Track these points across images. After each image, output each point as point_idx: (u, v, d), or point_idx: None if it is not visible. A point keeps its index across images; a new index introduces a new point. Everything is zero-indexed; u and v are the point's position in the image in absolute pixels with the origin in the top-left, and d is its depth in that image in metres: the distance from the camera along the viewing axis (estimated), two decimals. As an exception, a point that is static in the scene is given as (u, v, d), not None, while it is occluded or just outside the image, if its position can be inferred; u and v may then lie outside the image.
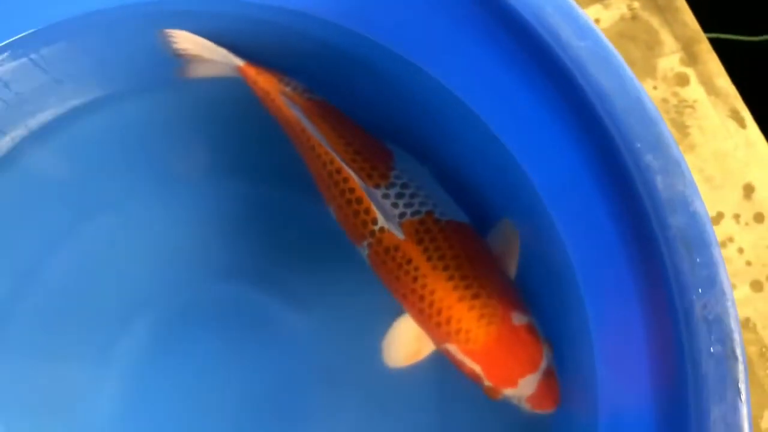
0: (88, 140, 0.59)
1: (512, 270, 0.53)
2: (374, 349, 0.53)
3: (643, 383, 0.39)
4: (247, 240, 0.60)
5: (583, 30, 0.39)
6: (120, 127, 0.60)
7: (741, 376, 0.34)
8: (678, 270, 0.35)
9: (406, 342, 0.53)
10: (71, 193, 0.60)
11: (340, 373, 0.58)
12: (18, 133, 0.58)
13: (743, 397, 0.34)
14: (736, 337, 0.35)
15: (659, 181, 0.37)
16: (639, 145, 0.37)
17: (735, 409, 0.34)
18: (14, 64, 0.57)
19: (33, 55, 0.57)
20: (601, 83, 0.38)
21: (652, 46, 0.78)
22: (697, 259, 0.35)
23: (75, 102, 0.59)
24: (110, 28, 0.57)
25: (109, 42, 0.58)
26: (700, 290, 0.35)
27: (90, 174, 0.60)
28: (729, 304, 0.35)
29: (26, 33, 0.54)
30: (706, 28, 0.79)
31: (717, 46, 0.80)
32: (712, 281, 0.35)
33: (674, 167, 0.37)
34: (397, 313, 0.53)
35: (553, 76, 0.40)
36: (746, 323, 0.72)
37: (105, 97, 0.60)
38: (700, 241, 0.36)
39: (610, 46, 0.38)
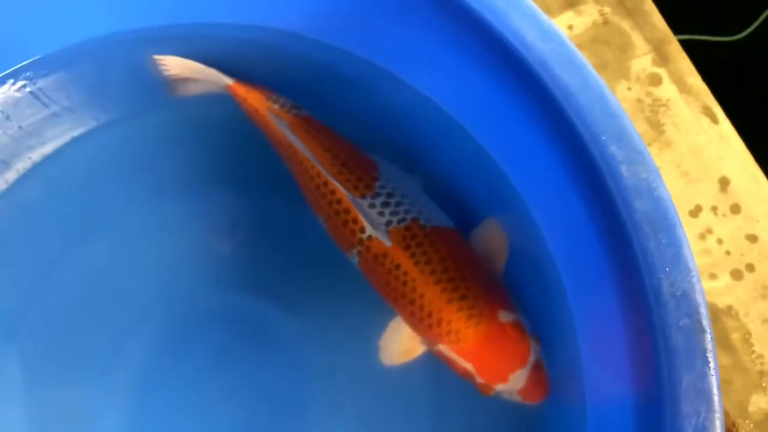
0: (86, 166, 0.62)
1: (499, 269, 0.55)
2: (369, 350, 0.55)
3: (622, 363, 0.41)
4: (242, 250, 0.62)
5: (547, 33, 0.42)
6: (115, 150, 0.62)
7: (708, 346, 0.36)
8: (646, 250, 0.38)
9: (400, 341, 0.55)
10: (71, 215, 0.62)
11: (337, 374, 0.60)
12: (21, 164, 0.61)
13: (711, 365, 0.36)
14: (702, 310, 0.37)
15: (624, 169, 0.40)
16: (604, 138, 0.40)
17: (704, 376, 0.36)
18: (14, 96, 0.59)
19: (31, 87, 0.60)
20: (565, 82, 0.41)
21: (625, 49, 0.81)
22: (663, 240, 0.38)
23: (72, 132, 0.62)
24: (101, 56, 0.59)
25: (101, 69, 0.61)
26: (667, 269, 0.38)
27: (88, 197, 0.62)
28: (694, 280, 0.37)
29: (22, 64, 0.57)
30: (675, 30, 0.82)
31: (686, 46, 0.83)
32: (677, 259, 0.38)
33: (638, 156, 0.39)
34: (390, 315, 0.55)
35: (522, 77, 0.43)
36: (729, 311, 0.75)
37: (100, 123, 0.62)
38: (664, 223, 0.38)
39: (573, 47, 0.41)
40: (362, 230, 0.52)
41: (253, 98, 0.57)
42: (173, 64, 0.58)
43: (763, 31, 1.09)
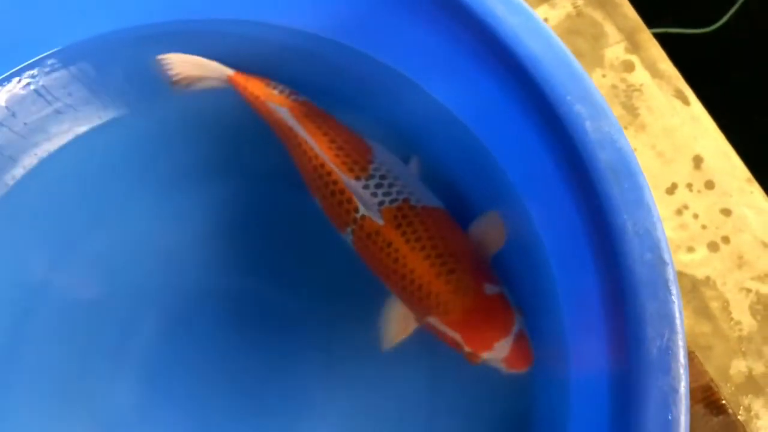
0: (90, 161, 0.65)
1: (491, 253, 0.58)
2: (364, 327, 0.58)
3: (595, 302, 0.45)
4: (243, 235, 0.65)
5: (516, 8, 0.46)
6: (118, 146, 0.65)
7: (671, 276, 0.40)
8: (609, 195, 0.42)
9: (395, 322, 0.58)
10: (77, 209, 0.65)
11: (335, 350, 0.63)
12: (28, 160, 0.64)
13: (674, 293, 0.40)
14: (663, 245, 0.41)
15: (588, 125, 0.44)
16: (569, 98, 0.44)
17: (666, 303, 0.40)
18: (20, 93, 0.63)
19: (35, 86, 0.63)
20: (533, 49, 0.45)
21: (598, 38, 0.85)
22: (625, 185, 0.42)
23: (76, 128, 0.65)
24: (105, 53, 0.63)
25: (104, 67, 0.65)
26: (630, 211, 0.42)
27: (93, 191, 0.65)
28: (655, 219, 0.41)
29: (27, 63, 0.60)
30: (648, 24, 0.87)
31: (660, 40, 0.87)
32: (639, 202, 0.42)
33: (600, 112, 0.44)
34: (383, 295, 0.58)
35: (493, 48, 0.47)
36: (707, 281, 0.78)
37: (103, 120, 0.66)
38: (626, 171, 0.42)
39: (539, 19, 0.45)
40: (356, 210, 0.55)
41: (253, 86, 0.60)
42: (176, 62, 0.62)
43: (735, 22, 1.13)
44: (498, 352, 0.53)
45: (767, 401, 0.74)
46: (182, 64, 0.62)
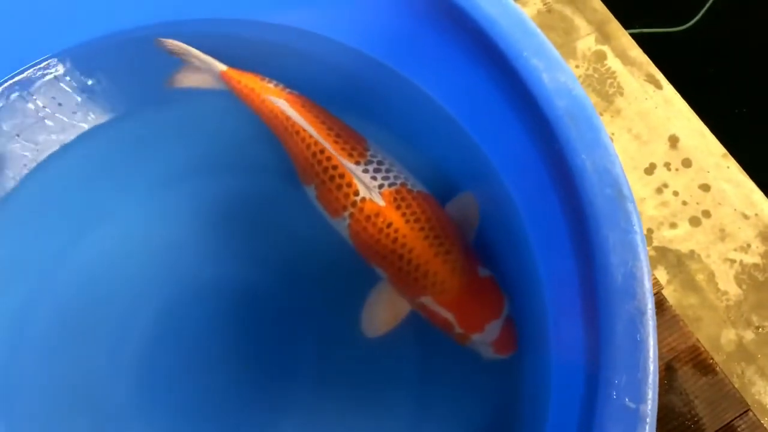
0: (88, 161, 0.67)
1: (471, 236, 0.60)
2: (354, 314, 0.59)
3: (564, 242, 0.47)
4: (236, 229, 0.67)
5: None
6: (115, 145, 0.67)
7: (630, 208, 0.42)
8: (568, 138, 0.44)
9: (382, 310, 0.59)
10: (78, 206, 0.66)
11: (327, 336, 0.64)
12: (28, 163, 0.66)
13: (635, 223, 0.42)
14: (622, 181, 0.43)
15: (545, 77, 0.46)
16: (526, 53, 0.47)
17: (628, 233, 0.42)
18: (6, 103, 0.65)
19: (22, 93, 0.65)
20: (490, 13, 0.48)
21: (569, 32, 0.89)
22: (582, 128, 0.44)
23: (76, 129, 0.67)
24: (104, 55, 0.65)
25: (103, 68, 0.67)
26: (588, 151, 0.44)
27: (92, 189, 0.67)
28: (613, 158, 0.43)
29: (31, 64, 0.63)
30: (625, 25, 0.90)
31: (636, 40, 0.90)
32: (596, 143, 0.44)
33: (555, 64, 0.46)
34: (371, 285, 0.59)
35: (456, 20, 0.50)
36: (691, 255, 0.80)
37: (102, 121, 0.68)
38: (582, 115, 0.45)
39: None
40: (356, 193, 0.57)
41: (248, 80, 0.62)
42: (174, 45, 0.64)
43: (708, 19, 1.16)
44: (488, 335, 0.55)
45: (759, 368, 0.75)
46: (179, 48, 0.64)
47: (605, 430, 0.38)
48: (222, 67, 0.63)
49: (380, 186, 0.57)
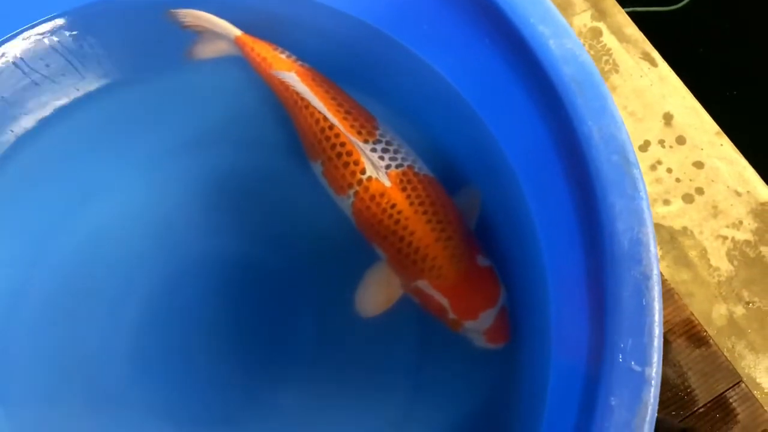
0: (83, 129, 0.66)
1: (472, 222, 0.60)
2: (353, 291, 0.59)
3: (569, 214, 0.47)
4: (238, 203, 0.66)
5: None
6: (113, 115, 0.66)
7: (636, 174, 0.42)
8: (575, 105, 0.44)
9: (376, 291, 0.59)
10: (72, 177, 0.65)
11: (326, 311, 0.64)
12: (18, 128, 0.65)
13: (641, 189, 0.42)
14: (628, 147, 0.43)
15: (552, 43, 0.46)
16: (533, 20, 0.47)
17: (634, 199, 0.42)
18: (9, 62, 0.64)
19: (12, 58, 0.64)
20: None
21: (566, 8, 0.89)
22: (589, 95, 0.44)
23: (75, 93, 0.66)
24: (101, 19, 0.64)
25: (113, 31, 0.66)
26: (594, 118, 0.44)
27: (88, 160, 0.66)
28: (619, 125, 0.43)
29: (36, 22, 0.62)
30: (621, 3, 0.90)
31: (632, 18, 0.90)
32: (603, 110, 0.44)
33: (562, 31, 0.46)
34: (369, 263, 0.59)
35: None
36: (684, 231, 0.80)
37: (102, 87, 0.66)
38: (589, 82, 0.45)
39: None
40: (363, 171, 0.56)
41: (261, 48, 0.61)
42: (188, 15, 0.63)
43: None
44: (481, 323, 0.55)
45: (749, 342, 0.76)
46: (193, 17, 0.63)
47: (611, 393, 0.38)
48: (237, 32, 0.62)
49: (387, 166, 0.56)
